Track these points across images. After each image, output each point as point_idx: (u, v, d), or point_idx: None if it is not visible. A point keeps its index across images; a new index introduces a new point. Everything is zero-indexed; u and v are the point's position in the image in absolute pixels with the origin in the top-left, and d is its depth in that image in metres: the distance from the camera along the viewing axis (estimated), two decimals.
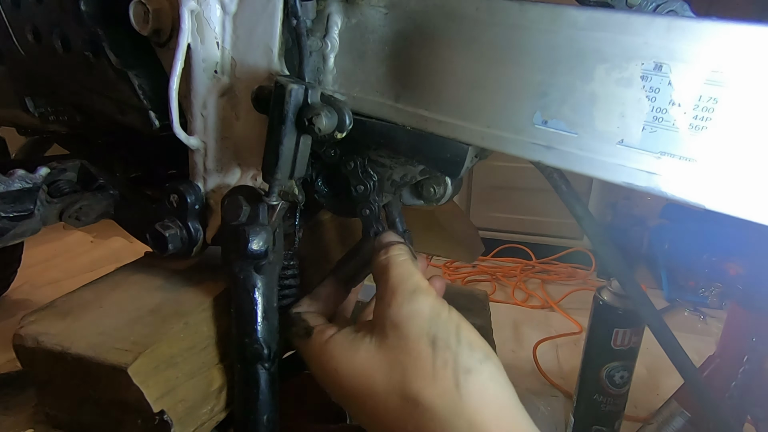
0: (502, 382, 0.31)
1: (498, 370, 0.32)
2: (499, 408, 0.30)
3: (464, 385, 0.30)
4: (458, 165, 0.39)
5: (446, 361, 0.31)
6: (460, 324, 0.33)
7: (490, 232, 1.77)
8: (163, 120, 0.42)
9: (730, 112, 0.29)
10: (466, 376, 0.30)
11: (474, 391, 0.30)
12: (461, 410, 0.30)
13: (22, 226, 0.42)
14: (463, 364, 0.31)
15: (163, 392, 0.37)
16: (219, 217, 0.41)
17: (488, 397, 0.30)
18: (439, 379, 0.31)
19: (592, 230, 0.49)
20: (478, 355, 0.32)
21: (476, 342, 0.32)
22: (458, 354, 0.31)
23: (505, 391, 0.31)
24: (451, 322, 0.33)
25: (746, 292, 0.74)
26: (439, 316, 0.33)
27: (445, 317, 0.33)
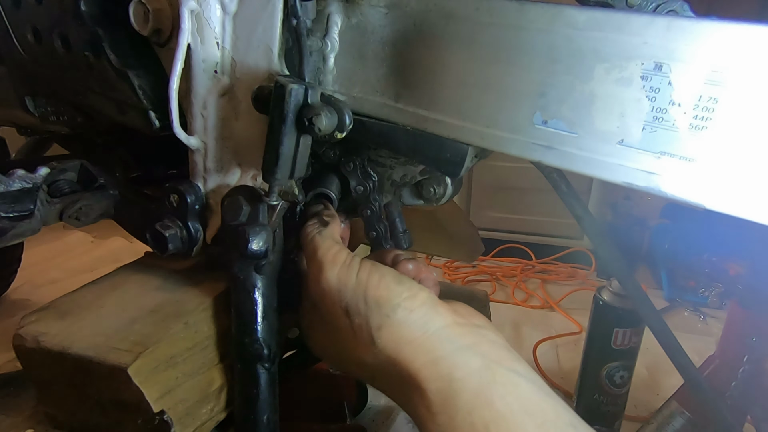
0: (412, 320, 0.34)
1: (408, 312, 0.34)
2: (411, 345, 0.33)
3: (378, 340, 0.34)
4: (458, 165, 0.39)
5: (360, 324, 0.35)
6: (368, 285, 0.35)
7: (490, 232, 1.76)
8: (163, 120, 0.42)
9: (730, 112, 0.29)
10: (378, 332, 0.34)
11: (387, 341, 0.34)
12: (383, 357, 0.34)
13: (22, 226, 0.42)
14: (374, 323, 0.34)
15: (163, 392, 0.37)
16: (219, 217, 0.41)
17: (401, 340, 0.34)
18: (360, 340, 0.35)
19: (592, 230, 0.49)
20: (385, 309, 0.34)
21: (382, 297, 0.34)
22: (368, 316, 0.34)
23: (415, 328, 0.34)
24: (359, 287, 0.35)
25: (746, 292, 0.74)
26: (346, 286, 0.36)
27: (352, 285, 0.35)
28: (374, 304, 0.34)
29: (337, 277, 0.36)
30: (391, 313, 0.34)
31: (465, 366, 0.32)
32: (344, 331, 0.36)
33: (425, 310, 0.34)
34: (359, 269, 0.36)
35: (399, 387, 0.34)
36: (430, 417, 0.32)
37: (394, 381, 0.34)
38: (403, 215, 0.48)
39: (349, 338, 0.36)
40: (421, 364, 0.33)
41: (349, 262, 0.37)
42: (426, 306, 0.35)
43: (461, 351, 0.33)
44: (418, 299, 0.35)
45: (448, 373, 0.32)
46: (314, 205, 0.44)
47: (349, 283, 0.36)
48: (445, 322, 0.34)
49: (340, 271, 0.36)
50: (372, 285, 0.35)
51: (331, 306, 0.36)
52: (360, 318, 0.35)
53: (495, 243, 1.77)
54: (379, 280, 0.35)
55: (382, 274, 0.36)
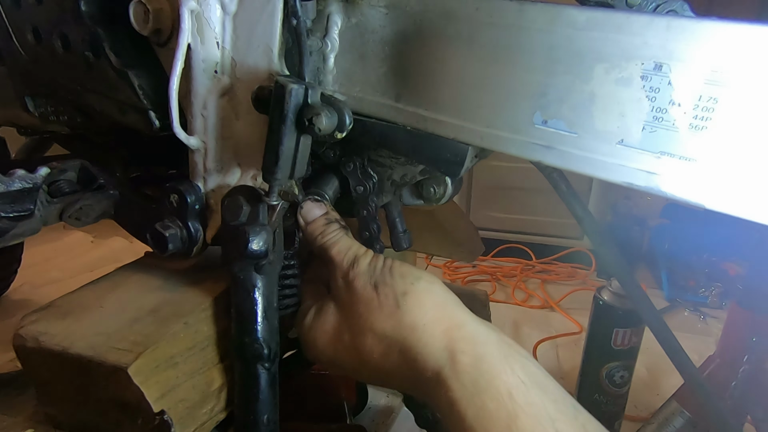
0: (434, 290, 0.37)
1: (429, 284, 0.37)
2: (435, 309, 0.36)
3: (403, 304, 0.36)
4: (458, 165, 0.39)
5: (386, 294, 0.37)
6: (393, 264, 0.39)
7: (490, 232, 1.76)
8: (163, 120, 0.42)
9: (730, 112, 0.29)
10: (403, 297, 0.37)
11: (412, 305, 0.36)
12: (406, 323, 0.36)
13: (22, 226, 0.42)
14: (399, 290, 0.37)
15: (163, 392, 0.37)
16: (219, 217, 0.41)
17: (426, 305, 0.36)
18: (385, 308, 0.37)
19: (592, 230, 0.49)
20: (410, 279, 0.37)
21: (407, 271, 0.38)
22: (394, 285, 0.37)
23: (437, 296, 0.37)
24: (386, 267, 0.39)
25: (746, 292, 0.74)
26: (375, 267, 0.39)
27: (380, 266, 0.39)
28: (399, 275, 0.38)
29: (369, 263, 0.39)
30: (415, 281, 0.37)
31: (486, 335, 0.35)
32: (369, 302, 0.38)
33: (443, 287, 0.38)
34: (385, 259, 0.40)
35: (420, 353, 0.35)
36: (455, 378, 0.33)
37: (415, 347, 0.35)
38: (403, 215, 0.48)
39: (372, 309, 0.38)
40: (446, 326, 0.35)
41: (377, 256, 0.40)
42: (444, 286, 0.38)
43: (480, 324, 0.36)
44: (437, 280, 0.38)
45: (472, 336, 0.34)
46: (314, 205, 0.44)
47: (378, 266, 0.39)
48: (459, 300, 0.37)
49: (372, 260, 0.40)
50: (397, 264, 0.39)
51: (362, 285, 0.38)
52: (386, 287, 0.37)
53: (495, 243, 1.77)
54: (401, 263, 0.39)
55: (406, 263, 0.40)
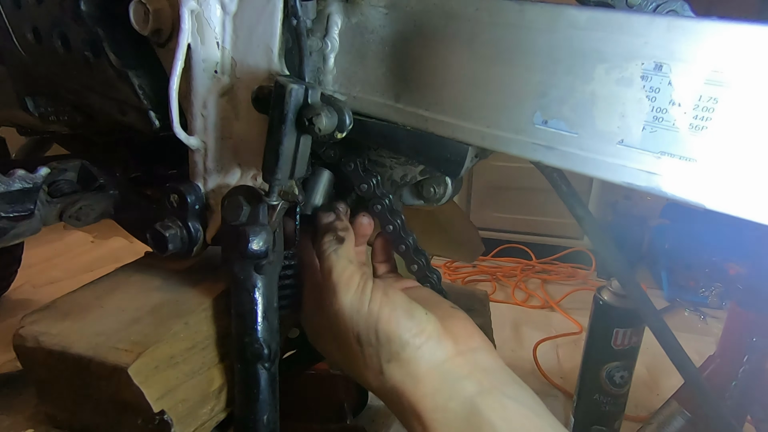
0: (419, 358, 0.36)
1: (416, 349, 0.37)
2: (416, 379, 0.36)
3: (386, 371, 0.37)
4: (458, 165, 0.39)
5: (371, 354, 0.37)
6: (379, 318, 0.37)
7: (490, 232, 1.77)
8: (163, 120, 0.42)
9: (730, 112, 0.29)
10: (387, 364, 0.37)
11: (395, 374, 0.37)
12: (389, 386, 0.37)
13: (22, 226, 0.42)
14: (384, 356, 0.37)
15: (163, 392, 0.37)
16: (219, 217, 0.41)
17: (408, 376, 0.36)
18: (370, 368, 0.38)
19: (592, 230, 0.49)
20: (395, 347, 0.37)
21: (393, 333, 0.37)
22: (378, 349, 0.37)
23: (421, 367, 0.36)
24: (371, 318, 0.37)
25: (746, 292, 0.74)
26: (358, 313, 0.38)
27: (364, 314, 0.37)
28: (385, 338, 0.37)
29: (350, 303, 0.38)
30: (401, 350, 0.36)
31: (459, 396, 0.35)
32: (356, 354, 0.38)
33: (431, 345, 0.37)
34: (371, 298, 0.38)
35: (400, 411, 0.37)
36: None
37: (396, 406, 0.37)
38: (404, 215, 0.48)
39: (359, 361, 0.38)
40: (421, 395, 0.36)
41: (362, 288, 0.38)
42: (432, 340, 0.37)
43: (458, 381, 0.36)
44: (425, 334, 0.37)
45: (443, 404, 0.35)
46: (325, 215, 0.44)
47: (362, 311, 0.38)
48: (446, 355, 0.37)
49: (353, 297, 0.38)
50: (383, 319, 0.37)
51: (344, 330, 0.38)
52: (371, 349, 0.37)
53: (495, 243, 1.77)
54: (390, 313, 0.37)
55: (393, 307, 0.38)
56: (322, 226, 0.43)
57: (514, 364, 1.17)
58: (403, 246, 0.45)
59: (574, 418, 0.94)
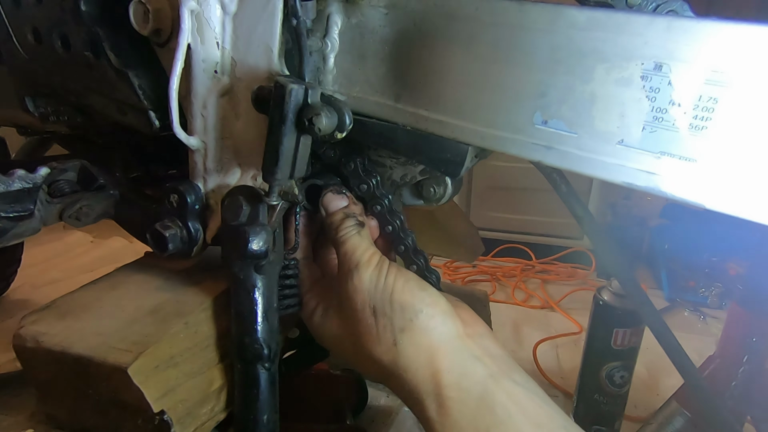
0: (432, 328, 0.37)
1: (429, 318, 0.37)
2: (429, 352, 0.36)
3: (400, 342, 0.37)
4: (458, 165, 0.39)
5: (385, 325, 0.38)
6: (394, 288, 0.38)
7: (490, 232, 1.76)
8: (163, 120, 0.42)
9: (730, 112, 0.29)
10: (401, 334, 0.37)
11: (408, 345, 0.37)
12: (402, 360, 0.37)
13: (22, 226, 0.42)
14: (397, 325, 0.37)
15: (163, 392, 0.37)
16: (219, 217, 0.41)
17: (421, 346, 0.37)
18: (383, 340, 0.38)
19: (592, 230, 0.49)
20: (408, 314, 0.37)
21: (407, 303, 0.37)
22: (392, 318, 0.37)
23: (434, 336, 0.37)
24: (386, 290, 0.38)
25: (746, 292, 0.74)
26: (376, 287, 0.38)
27: (381, 286, 0.38)
28: (399, 307, 0.37)
29: (370, 278, 0.39)
30: (414, 317, 0.37)
31: (472, 375, 0.36)
32: (368, 329, 0.38)
33: (444, 318, 0.38)
34: (387, 272, 0.39)
35: (411, 388, 0.37)
36: (439, 418, 0.35)
37: (407, 382, 0.37)
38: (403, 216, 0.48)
39: (371, 337, 0.38)
40: (435, 369, 0.36)
41: (381, 265, 0.39)
42: (444, 315, 0.38)
43: (470, 360, 0.36)
44: (439, 306, 0.38)
45: (456, 382, 0.35)
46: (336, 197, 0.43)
47: (379, 284, 0.38)
48: (458, 332, 0.38)
49: (373, 272, 0.39)
50: (398, 289, 0.38)
51: (361, 304, 0.39)
52: (385, 319, 0.38)
53: (495, 243, 1.77)
54: (404, 284, 0.38)
55: (407, 279, 0.39)
56: (337, 211, 0.43)
57: None
58: (402, 246, 0.45)
59: (574, 418, 0.94)
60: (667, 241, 1.58)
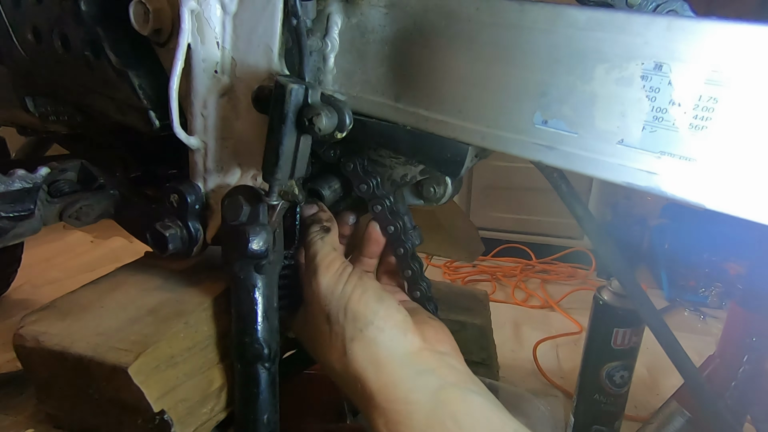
0: (380, 341, 0.37)
1: (378, 331, 0.37)
2: (376, 365, 0.36)
3: (349, 351, 0.37)
4: (458, 165, 0.39)
5: (337, 333, 0.38)
6: (350, 298, 0.38)
7: (490, 232, 1.76)
8: (163, 120, 0.42)
9: (730, 112, 0.29)
10: (350, 344, 0.37)
11: (357, 354, 0.37)
12: (351, 370, 0.37)
13: (22, 226, 0.42)
14: (348, 334, 0.37)
15: (163, 392, 0.37)
16: (219, 217, 0.41)
17: (370, 357, 0.37)
18: (334, 348, 0.38)
19: (592, 230, 0.49)
20: (360, 324, 0.37)
21: (359, 312, 0.38)
22: (345, 327, 0.38)
23: (381, 349, 0.37)
24: (342, 298, 0.38)
25: (746, 292, 0.74)
26: (332, 294, 0.39)
27: (337, 294, 0.39)
28: (352, 316, 0.38)
29: (327, 284, 0.39)
30: (364, 328, 0.37)
31: (422, 389, 0.35)
32: (323, 335, 0.39)
33: (395, 333, 0.37)
34: (347, 281, 0.39)
35: (361, 400, 0.37)
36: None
37: (358, 394, 0.37)
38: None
39: (326, 343, 0.39)
40: (382, 384, 0.36)
41: (340, 272, 0.40)
42: (397, 329, 0.38)
43: (421, 375, 0.36)
44: (391, 321, 0.38)
45: (404, 396, 0.35)
46: (308, 207, 0.45)
47: (336, 292, 0.39)
48: (411, 348, 0.37)
49: (331, 278, 0.39)
50: (354, 298, 0.38)
51: (318, 309, 0.40)
52: (338, 326, 0.38)
53: (495, 243, 1.76)
54: (360, 295, 0.38)
55: (365, 289, 0.39)
56: (306, 218, 0.44)
57: (514, 364, 1.17)
58: (401, 249, 0.45)
59: (574, 418, 0.94)
60: (667, 240, 1.58)
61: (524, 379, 1.11)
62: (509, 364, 1.15)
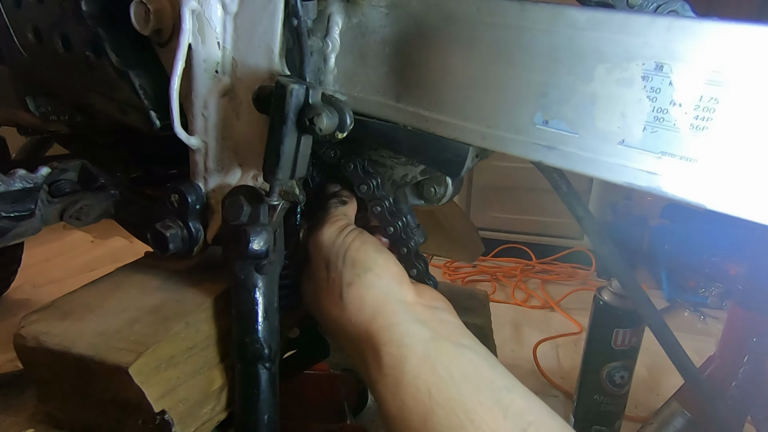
0: (378, 286, 0.38)
1: (376, 277, 0.38)
2: (372, 307, 0.37)
3: (345, 295, 0.38)
4: (459, 165, 0.39)
5: (335, 279, 0.39)
6: (350, 246, 0.39)
7: (490, 232, 1.77)
8: (163, 120, 0.42)
9: (730, 112, 0.29)
10: (347, 288, 0.38)
11: (353, 298, 0.38)
12: (346, 314, 0.38)
13: (22, 226, 0.42)
14: (345, 279, 0.38)
15: (164, 392, 0.37)
16: (220, 217, 0.41)
17: (365, 301, 0.37)
18: (331, 293, 0.39)
19: (592, 230, 0.49)
20: (358, 270, 0.38)
21: (358, 259, 0.39)
22: (342, 272, 0.39)
23: (379, 293, 0.37)
24: (342, 246, 0.39)
25: (746, 292, 0.74)
26: (333, 243, 0.40)
27: (338, 243, 0.40)
28: (350, 263, 0.39)
29: (328, 235, 0.41)
30: (362, 273, 0.38)
31: (415, 335, 0.36)
32: (322, 282, 0.40)
33: (392, 282, 0.38)
34: (348, 233, 0.40)
35: (356, 346, 0.38)
36: (380, 377, 0.35)
37: (353, 339, 0.38)
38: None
39: (324, 290, 0.40)
40: (378, 326, 0.36)
41: (342, 227, 0.41)
42: (394, 279, 0.39)
43: (414, 323, 0.37)
44: (389, 270, 0.39)
45: (399, 338, 0.36)
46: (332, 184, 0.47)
47: (336, 241, 0.40)
48: (407, 298, 0.38)
49: (333, 231, 0.41)
50: (353, 247, 0.39)
51: (317, 258, 0.41)
52: (335, 272, 0.39)
53: (495, 243, 1.77)
54: (360, 244, 0.39)
55: (364, 241, 0.40)
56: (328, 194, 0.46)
57: (514, 364, 1.17)
58: (404, 249, 0.45)
59: (574, 418, 0.94)
60: (667, 241, 1.59)
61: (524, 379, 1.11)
62: (509, 364, 1.14)
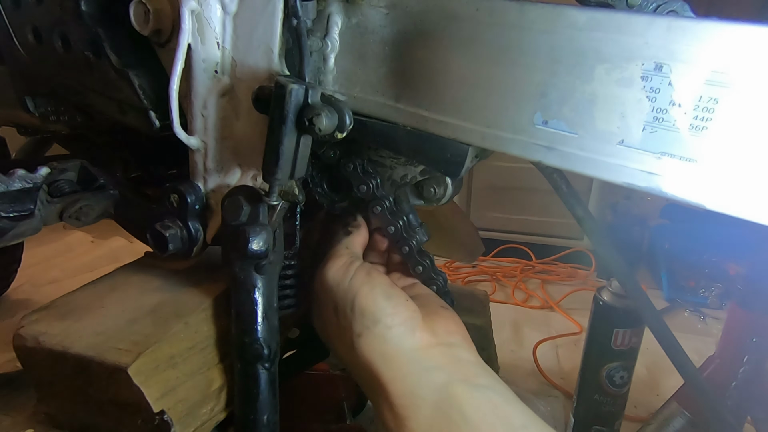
0: (387, 338, 0.37)
1: (386, 329, 0.37)
2: (383, 361, 0.37)
3: (356, 345, 0.38)
4: (459, 165, 0.39)
5: (344, 327, 0.39)
6: (357, 293, 0.39)
7: (490, 232, 1.76)
8: (163, 120, 0.42)
9: (730, 113, 0.29)
10: (357, 338, 0.38)
11: (365, 349, 0.38)
12: (358, 363, 0.38)
13: (22, 226, 0.42)
14: (355, 330, 0.38)
15: (163, 392, 0.37)
16: (219, 217, 0.41)
17: (376, 353, 0.37)
18: (343, 339, 0.39)
19: (592, 230, 0.49)
20: (367, 321, 0.38)
21: (367, 309, 0.38)
22: (352, 322, 0.38)
23: (388, 346, 0.37)
24: (350, 292, 0.39)
25: (746, 292, 0.74)
26: (339, 286, 0.40)
27: (344, 287, 0.39)
28: (359, 312, 0.38)
29: (333, 275, 0.40)
30: (372, 325, 0.38)
31: (428, 385, 0.36)
32: (332, 326, 0.41)
33: (403, 330, 0.38)
34: (354, 275, 0.40)
35: (369, 385, 0.38)
36: (396, 426, 0.36)
37: (366, 380, 0.38)
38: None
39: (335, 333, 0.40)
40: (389, 378, 0.36)
41: (347, 264, 0.41)
42: (404, 326, 0.38)
43: (428, 371, 0.36)
44: (399, 318, 0.38)
45: (411, 390, 0.36)
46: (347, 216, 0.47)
47: (342, 284, 0.39)
48: (419, 344, 0.38)
49: (338, 270, 0.40)
50: (361, 294, 0.38)
51: (325, 299, 0.41)
52: (345, 320, 0.39)
53: (495, 243, 1.76)
54: (368, 291, 0.39)
55: (373, 285, 0.39)
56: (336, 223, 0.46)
57: (514, 364, 1.17)
58: (406, 248, 0.45)
59: (574, 419, 0.94)
60: (667, 241, 1.58)
61: (524, 380, 1.11)
62: (509, 365, 1.15)
